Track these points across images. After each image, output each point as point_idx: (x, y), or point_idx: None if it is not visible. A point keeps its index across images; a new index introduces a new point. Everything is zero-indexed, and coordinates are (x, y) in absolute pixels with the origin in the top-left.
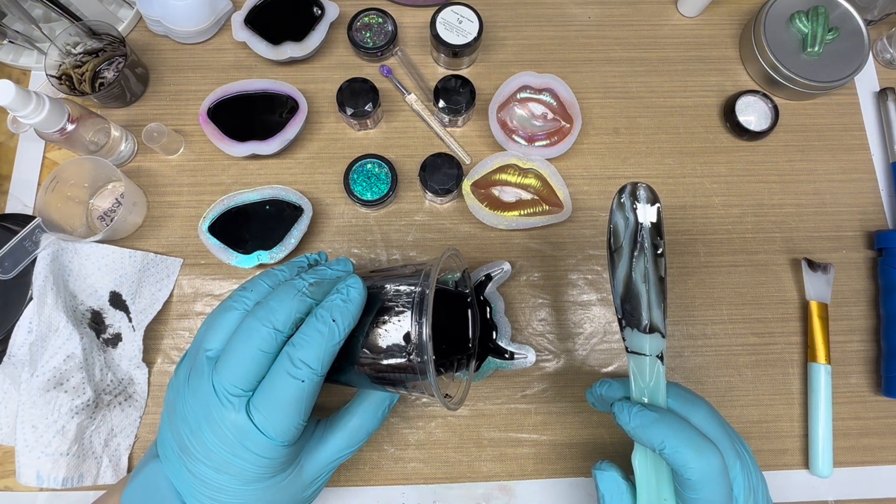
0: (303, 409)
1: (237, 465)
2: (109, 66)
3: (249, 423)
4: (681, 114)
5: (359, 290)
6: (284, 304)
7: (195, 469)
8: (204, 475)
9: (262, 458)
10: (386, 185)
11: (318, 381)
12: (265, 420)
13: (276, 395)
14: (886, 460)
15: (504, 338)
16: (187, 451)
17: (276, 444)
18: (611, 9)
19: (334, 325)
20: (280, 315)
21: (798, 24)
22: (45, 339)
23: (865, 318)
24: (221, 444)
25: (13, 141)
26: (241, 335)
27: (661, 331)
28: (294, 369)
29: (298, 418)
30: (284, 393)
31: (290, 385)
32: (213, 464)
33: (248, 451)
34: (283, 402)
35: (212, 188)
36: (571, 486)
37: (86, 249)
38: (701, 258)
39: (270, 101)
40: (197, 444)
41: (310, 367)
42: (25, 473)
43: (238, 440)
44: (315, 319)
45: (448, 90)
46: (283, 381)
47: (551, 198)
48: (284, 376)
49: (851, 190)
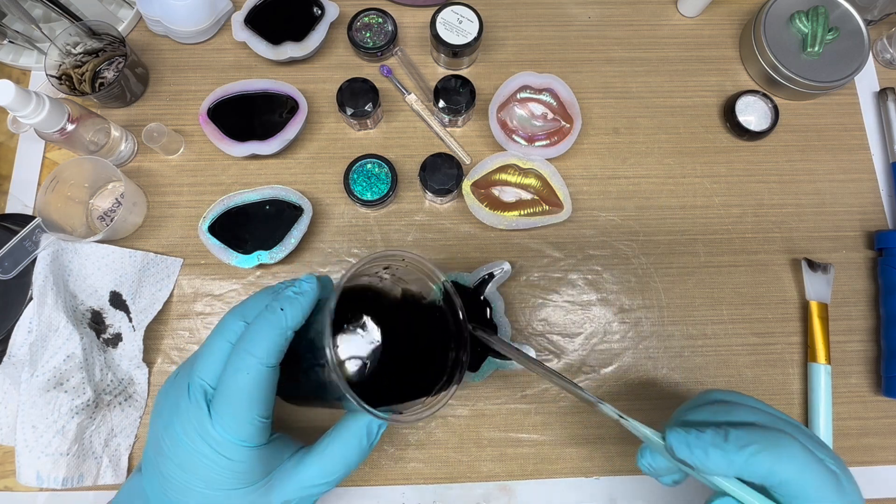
0: (254, 402)
1: (201, 463)
2: (109, 66)
3: (207, 415)
4: (681, 114)
5: (312, 285)
6: (258, 301)
7: (164, 468)
8: (171, 473)
9: (222, 458)
10: (386, 185)
11: (267, 371)
12: (219, 413)
13: (226, 385)
14: (886, 460)
15: (504, 338)
16: (159, 448)
17: (233, 441)
18: (611, 9)
19: (282, 315)
20: (252, 310)
21: (798, 24)
22: (45, 339)
23: (865, 318)
24: (186, 437)
25: (13, 141)
26: (215, 330)
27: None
28: (240, 360)
29: (251, 412)
30: (234, 383)
31: (238, 375)
32: (179, 460)
33: (208, 446)
34: (232, 394)
35: (212, 188)
36: (571, 486)
37: (86, 249)
38: (701, 258)
39: (270, 101)
40: (167, 439)
41: (254, 356)
42: (25, 473)
43: (199, 433)
44: (266, 310)
45: (448, 90)
46: (232, 371)
47: (551, 198)
48: (233, 366)
49: (851, 190)
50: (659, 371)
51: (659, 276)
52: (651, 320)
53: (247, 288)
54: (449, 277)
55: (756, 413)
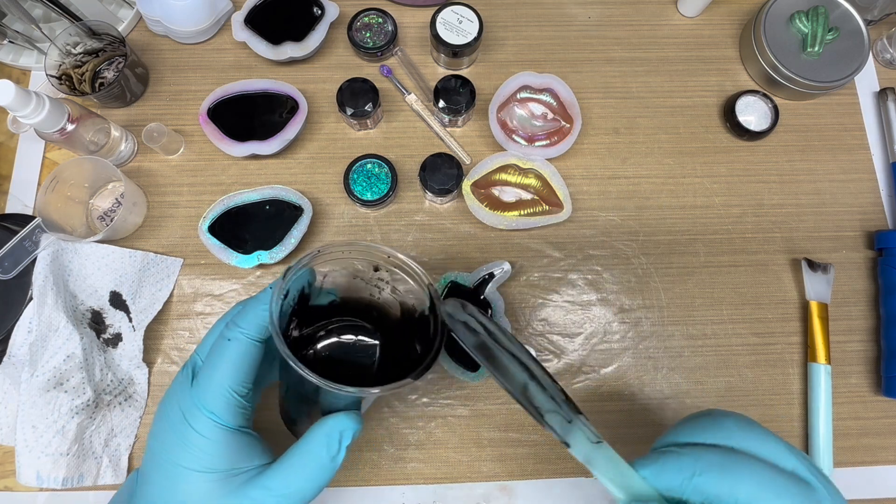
0: (230, 370)
1: (173, 433)
2: (109, 66)
3: (189, 383)
4: (681, 114)
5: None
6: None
7: (148, 442)
8: (150, 446)
9: (191, 429)
10: (386, 185)
11: (247, 343)
12: (199, 381)
13: (209, 353)
14: (886, 460)
15: None
16: (153, 426)
17: (204, 412)
18: (611, 9)
19: (269, 290)
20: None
21: (798, 24)
22: (45, 339)
23: (865, 318)
24: (167, 406)
25: (13, 141)
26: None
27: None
28: (226, 330)
29: (224, 382)
30: (215, 350)
31: (221, 342)
32: (156, 430)
33: (181, 414)
34: (212, 360)
35: (212, 188)
36: (571, 486)
37: (86, 249)
38: (701, 258)
39: (270, 101)
40: (160, 413)
41: (238, 327)
42: (25, 473)
43: (178, 402)
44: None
45: (448, 90)
46: (218, 340)
47: (551, 198)
48: (220, 336)
49: (851, 190)
50: (659, 371)
51: (659, 276)
52: (651, 320)
53: (247, 288)
54: (449, 277)
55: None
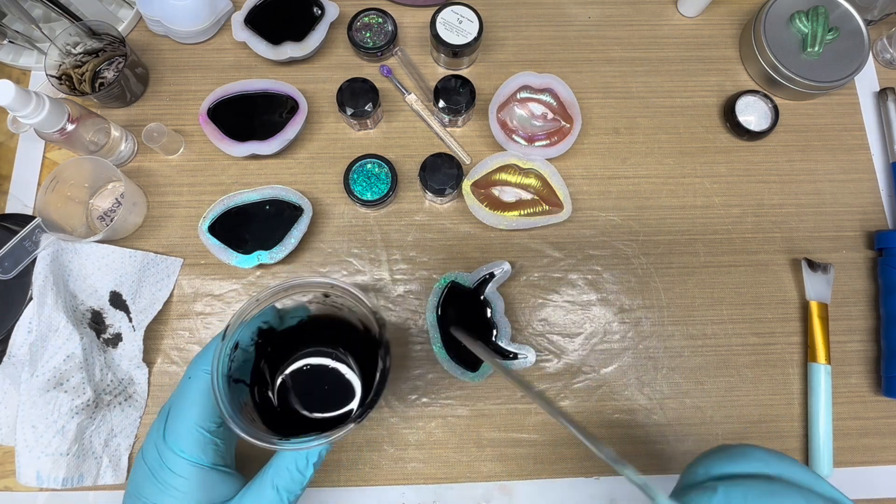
0: (195, 408)
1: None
2: (109, 66)
3: (163, 426)
4: (681, 114)
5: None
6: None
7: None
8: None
9: (165, 468)
10: (386, 185)
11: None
12: (170, 423)
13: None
14: (886, 460)
15: (504, 338)
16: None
17: (176, 452)
18: (611, 9)
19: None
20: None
21: (798, 24)
22: (45, 339)
23: (865, 318)
24: (146, 450)
25: (13, 141)
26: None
27: None
28: (188, 369)
29: (191, 420)
30: (180, 390)
31: (183, 383)
32: (135, 477)
33: (157, 454)
34: (178, 400)
35: (212, 188)
36: (571, 486)
37: (86, 249)
38: (701, 258)
39: (270, 101)
40: (138, 455)
41: (198, 366)
42: (25, 473)
43: (154, 443)
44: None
45: (448, 90)
46: (181, 382)
47: (551, 198)
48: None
49: (851, 190)
50: (659, 371)
51: (659, 276)
52: (651, 320)
53: (247, 288)
54: (449, 277)
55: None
